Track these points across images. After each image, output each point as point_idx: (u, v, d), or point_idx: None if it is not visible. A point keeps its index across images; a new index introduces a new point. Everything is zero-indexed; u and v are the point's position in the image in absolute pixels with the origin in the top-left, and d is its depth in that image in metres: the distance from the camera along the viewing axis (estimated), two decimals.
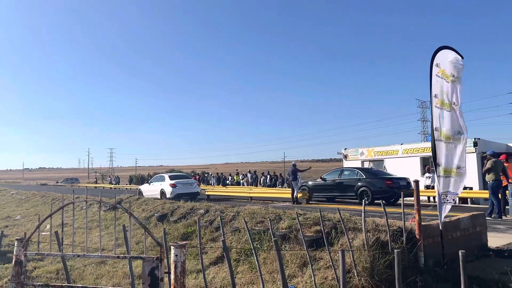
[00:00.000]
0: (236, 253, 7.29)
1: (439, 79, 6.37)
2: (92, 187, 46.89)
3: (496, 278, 5.39)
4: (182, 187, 18.44)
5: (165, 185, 18.65)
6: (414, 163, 20.19)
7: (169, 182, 18.61)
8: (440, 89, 6.36)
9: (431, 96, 6.27)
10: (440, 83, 6.38)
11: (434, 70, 6.33)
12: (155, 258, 2.75)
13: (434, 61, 6.34)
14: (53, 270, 7.79)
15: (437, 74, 6.35)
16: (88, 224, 11.92)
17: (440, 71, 6.39)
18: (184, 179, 19.85)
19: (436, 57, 6.37)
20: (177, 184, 18.36)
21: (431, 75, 6.29)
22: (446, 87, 6.44)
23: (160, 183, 19.33)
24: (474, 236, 7.17)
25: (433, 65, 6.32)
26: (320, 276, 5.61)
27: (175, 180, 18.94)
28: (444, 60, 6.46)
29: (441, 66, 6.40)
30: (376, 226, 6.20)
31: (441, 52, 6.49)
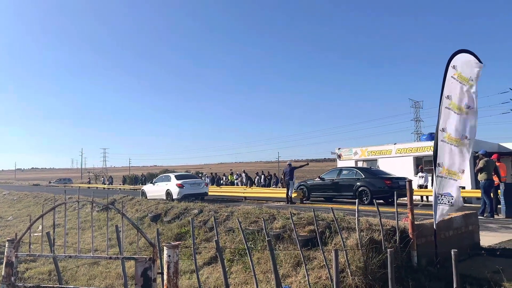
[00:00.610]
0: (230, 253, 7.29)
1: (454, 81, 6.33)
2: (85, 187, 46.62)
3: (488, 277, 5.43)
4: (190, 187, 17.48)
5: (171, 185, 17.68)
6: (407, 162, 20.29)
7: (176, 182, 17.59)
8: (453, 91, 6.33)
9: (442, 96, 6.24)
10: (455, 85, 6.35)
11: (450, 72, 6.29)
12: (148, 259, 2.73)
13: (451, 63, 6.29)
14: (45, 271, 7.73)
15: (452, 76, 6.31)
16: (81, 224, 11.86)
17: (457, 74, 6.35)
18: (191, 179, 18.74)
19: (454, 59, 6.32)
20: (184, 184, 17.35)
21: (445, 76, 6.26)
22: (461, 89, 6.41)
23: (165, 183, 18.24)
24: (466, 235, 7.22)
25: (449, 67, 6.28)
26: (314, 276, 5.62)
27: (182, 180, 17.88)
28: (462, 64, 6.42)
29: (458, 68, 6.36)
30: (370, 226, 6.21)
31: (460, 54, 6.42)
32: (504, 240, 7.65)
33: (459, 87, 6.40)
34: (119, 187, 41.85)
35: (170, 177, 18.51)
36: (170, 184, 17.77)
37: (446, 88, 6.25)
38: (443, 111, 6.24)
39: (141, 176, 47.33)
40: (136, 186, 41.02)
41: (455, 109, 6.35)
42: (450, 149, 6.30)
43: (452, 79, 6.31)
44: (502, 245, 7.27)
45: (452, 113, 6.32)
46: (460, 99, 6.40)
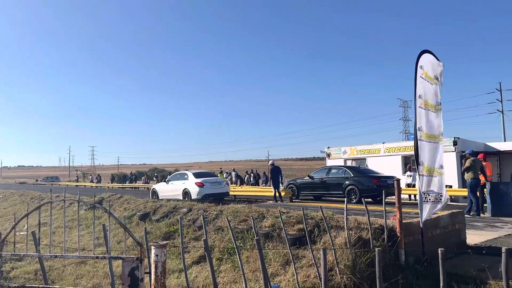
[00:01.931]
0: (219, 252, 7.27)
1: (423, 80, 6.50)
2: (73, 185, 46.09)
3: (474, 274, 5.50)
4: (211, 186, 15.98)
5: (189, 184, 16.08)
6: (395, 161, 20.48)
7: (195, 180, 15.98)
8: (424, 90, 6.49)
9: (415, 96, 6.37)
10: (424, 84, 6.52)
11: (419, 72, 6.45)
12: (135, 258, 2.71)
13: (418, 63, 6.47)
14: (31, 270, 7.63)
15: (421, 76, 6.48)
16: (69, 223, 11.72)
17: (424, 73, 6.54)
18: (211, 177, 17.13)
19: (420, 59, 6.51)
20: (205, 183, 15.81)
21: (416, 77, 6.40)
22: (429, 88, 6.60)
23: (182, 182, 16.61)
24: (453, 233, 7.30)
25: (418, 67, 6.44)
26: (303, 274, 5.63)
27: (202, 178, 16.25)
28: (427, 63, 6.64)
29: (425, 68, 6.55)
30: (358, 224, 6.25)
31: (424, 55, 6.66)
32: (489, 238, 7.76)
33: (428, 86, 6.62)
34: (108, 186, 41.47)
35: (188, 175, 16.97)
36: (188, 183, 16.25)
37: (418, 88, 6.42)
38: (418, 110, 6.39)
39: (130, 174, 46.91)
40: (125, 185, 40.71)
41: (429, 107, 6.53)
42: (427, 146, 6.45)
43: (421, 78, 6.50)
44: (488, 243, 7.37)
45: (424, 111, 6.50)
46: (431, 97, 6.59)
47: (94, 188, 37.82)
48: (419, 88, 6.42)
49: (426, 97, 6.53)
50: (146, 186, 38.06)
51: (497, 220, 10.33)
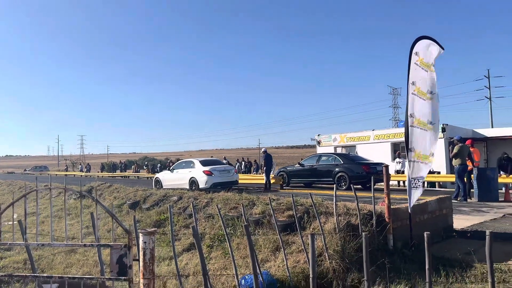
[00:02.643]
0: (210, 239, 7.29)
1: (417, 67, 6.45)
2: (62, 175, 45.74)
3: (460, 258, 5.60)
4: (219, 174, 15.15)
5: (196, 172, 15.25)
6: (385, 148, 20.64)
7: (203, 169, 15.14)
8: (418, 77, 6.44)
9: (408, 82, 6.35)
10: (419, 71, 6.47)
11: (413, 58, 6.39)
12: (123, 246, 2.69)
13: (414, 49, 6.41)
14: (20, 260, 7.59)
15: (415, 62, 6.43)
16: (58, 213, 11.63)
17: (419, 60, 6.47)
18: (219, 165, 16.22)
19: (416, 46, 6.45)
20: (213, 171, 14.96)
21: (409, 63, 6.36)
22: (423, 75, 6.54)
23: (188, 170, 15.74)
24: (440, 218, 7.41)
25: (413, 53, 6.39)
26: (293, 260, 5.69)
27: (210, 166, 15.39)
28: (424, 50, 6.55)
29: (420, 55, 6.49)
30: (347, 210, 6.31)
31: (421, 41, 6.56)
32: (476, 223, 7.89)
33: (423, 73, 6.57)
34: (97, 175, 41.22)
35: (194, 163, 16.07)
36: (195, 171, 15.40)
37: (411, 75, 6.38)
38: (410, 97, 6.37)
39: (119, 163, 46.66)
40: (115, 174, 40.50)
41: (420, 94, 6.51)
42: (419, 133, 6.45)
43: (415, 65, 6.44)
44: (474, 227, 7.49)
45: (417, 98, 6.47)
46: (424, 85, 6.56)
47: (83, 177, 37.57)
48: (413, 74, 6.38)
49: (420, 84, 6.49)
50: (136, 175, 37.95)
51: (484, 205, 10.50)
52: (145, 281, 2.57)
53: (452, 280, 4.96)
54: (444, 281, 4.92)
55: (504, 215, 8.76)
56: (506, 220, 8.14)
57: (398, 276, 5.14)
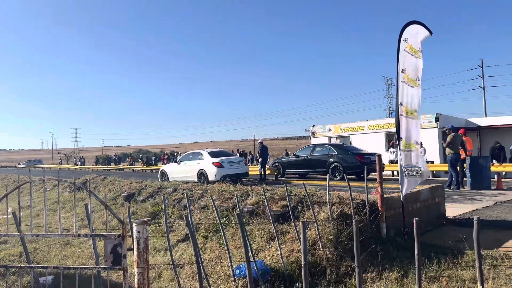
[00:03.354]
0: (205, 230, 7.34)
1: (406, 54, 6.44)
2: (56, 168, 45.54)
3: (452, 245, 5.68)
4: (229, 166, 14.61)
5: (205, 164, 14.72)
6: (379, 138, 20.72)
7: (212, 160, 14.61)
8: (407, 64, 6.44)
9: (398, 70, 6.34)
10: (408, 58, 6.46)
11: (402, 45, 6.37)
12: (117, 236, 2.72)
13: (402, 36, 6.38)
14: (16, 253, 7.59)
15: (405, 49, 6.41)
16: (52, 206, 11.62)
17: (408, 46, 6.45)
18: (228, 156, 15.64)
19: (404, 32, 6.42)
20: (223, 163, 14.46)
21: (398, 50, 6.34)
22: (412, 62, 6.54)
23: (197, 162, 15.17)
24: (433, 207, 7.49)
25: (401, 40, 6.36)
26: (287, 249, 5.74)
27: (219, 157, 14.86)
28: (412, 35, 6.53)
29: (409, 41, 6.47)
30: (341, 200, 6.36)
31: (410, 26, 6.52)
32: (468, 211, 7.99)
33: (412, 60, 6.53)
34: (92, 168, 41.10)
35: (202, 154, 15.55)
36: (204, 162, 14.87)
37: (400, 62, 6.35)
38: (400, 85, 6.36)
39: (114, 156, 46.54)
40: (109, 166, 40.40)
41: (410, 82, 6.50)
42: (407, 122, 6.48)
43: (404, 52, 6.40)
44: (466, 215, 7.58)
45: (407, 86, 6.46)
46: (413, 72, 6.54)
47: (78, 170, 37.44)
48: (402, 62, 6.38)
49: (409, 71, 6.50)
50: (131, 168, 37.88)
51: (476, 193, 10.62)
52: (139, 270, 2.60)
53: (444, 267, 5.04)
54: (436, 268, 5.00)
55: (496, 203, 8.87)
56: (498, 208, 8.25)
57: (390, 264, 5.21)
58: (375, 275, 5.01)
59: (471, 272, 4.75)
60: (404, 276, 4.87)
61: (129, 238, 3.05)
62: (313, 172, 15.95)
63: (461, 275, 4.73)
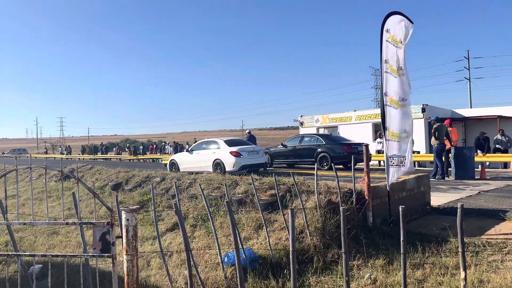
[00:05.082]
0: (193, 219, 7.35)
1: (389, 44, 6.52)
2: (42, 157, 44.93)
3: (436, 233, 5.81)
4: (248, 156, 13.54)
5: (221, 153, 13.68)
6: (366, 129, 20.92)
7: (229, 149, 13.55)
8: (389, 55, 6.52)
9: (381, 61, 6.42)
10: (390, 48, 6.54)
11: (385, 36, 6.44)
12: (106, 223, 2.72)
13: (384, 26, 6.45)
14: (2, 242, 7.52)
15: (387, 40, 6.48)
16: (39, 195, 11.51)
17: (390, 37, 6.53)
18: (246, 145, 14.49)
19: (386, 22, 6.49)
20: (241, 153, 13.41)
21: (381, 41, 6.41)
22: (395, 52, 6.62)
23: (212, 151, 14.12)
24: (418, 196, 7.63)
25: (384, 31, 6.43)
26: (275, 237, 5.80)
27: (237, 146, 13.80)
28: (394, 26, 6.60)
29: (391, 31, 6.54)
30: (328, 189, 6.43)
31: (391, 17, 6.61)
32: (452, 200, 8.15)
33: (394, 50, 6.61)
34: (78, 157, 40.67)
35: (219, 143, 14.37)
36: (220, 152, 13.82)
37: (383, 52, 6.42)
38: (384, 76, 6.44)
39: (100, 145, 46.09)
40: (96, 156, 40.02)
41: (393, 72, 6.57)
42: (392, 112, 6.56)
43: (387, 42, 6.48)
44: (450, 204, 7.74)
45: (390, 76, 6.54)
46: (394, 62, 6.61)
47: (64, 160, 37.01)
48: (385, 52, 6.45)
49: (392, 62, 6.57)
50: (118, 157, 37.59)
51: (460, 183, 10.83)
52: (129, 257, 2.61)
53: (428, 254, 5.15)
54: (421, 256, 5.11)
55: (479, 192, 9.06)
56: (481, 197, 8.43)
57: (376, 251, 5.31)
58: (361, 262, 5.10)
59: (454, 259, 4.87)
60: (390, 263, 4.97)
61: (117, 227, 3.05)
62: (301, 162, 16.05)
63: (444, 262, 4.85)
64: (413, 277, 4.54)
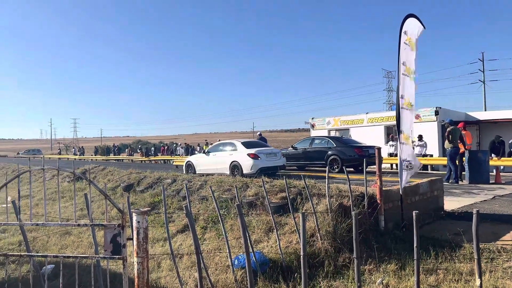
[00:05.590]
0: (204, 221, 7.36)
1: (406, 46, 6.44)
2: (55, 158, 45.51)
3: (450, 238, 5.71)
4: (266, 158, 13.18)
5: (239, 155, 13.34)
6: (378, 131, 20.72)
7: (247, 151, 13.21)
8: (407, 57, 6.44)
9: (399, 63, 6.34)
10: (407, 51, 6.46)
11: (403, 38, 6.37)
12: (117, 225, 2.73)
13: (402, 28, 6.38)
14: (15, 242, 7.62)
15: (405, 42, 6.41)
16: (52, 195, 11.64)
17: (408, 39, 6.45)
18: (264, 147, 14.19)
19: (404, 25, 6.42)
20: (259, 155, 13.05)
21: (399, 43, 6.34)
22: (411, 55, 6.54)
23: (229, 153, 13.84)
24: (432, 200, 7.52)
25: (402, 33, 6.37)
26: (285, 241, 5.77)
27: (255, 148, 13.44)
28: (411, 28, 6.53)
29: (409, 33, 6.47)
30: (340, 192, 6.37)
31: (409, 19, 6.53)
32: (466, 204, 8.02)
33: (410, 53, 6.53)
34: (91, 158, 41.10)
35: (236, 144, 14.08)
36: (237, 154, 13.50)
37: (401, 55, 6.35)
38: (401, 78, 6.37)
39: (112, 146, 46.55)
40: (108, 157, 40.39)
41: (410, 74, 6.49)
42: (407, 114, 6.49)
43: (405, 45, 6.42)
44: (464, 209, 7.61)
45: (407, 79, 6.46)
46: (411, 64, 6.54)
47: (77, 160, 37.42)
48: (403, 54, 6.38)
49: (409, 64, 6.50)
50: (130, 159, 37.88)
51: (475, 187, 10.65)
52: (139, 260, 2.61)
53: (441, 260, 5.07)
54: (434, 261, 5.03)
55: (494, 196, 8.90)
56: (496, 202, 8.28)
57: (388, 256, 5.24)
58: (373, 267, 5.04)
59: (468, 265, 4.78)
60: (402, 268, 4.90)
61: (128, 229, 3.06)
62: (312, 165, 15.98)
63: (458, 267, 4.76)
64: (426, 283, 4.47)
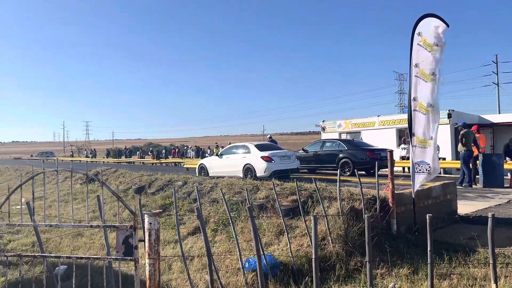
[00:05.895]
0: (214, 223, 7.36)
1: (420, 48, 6.34)
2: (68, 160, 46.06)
3: (463, 243, 5.62)
4: (280, 161, 13.10)
5: (252, 158, 13.25)
6: (390, 134, 20.54)
7: (260, 154, 13.12)
8: (421, 59, 6.34)
9: (411, 65, 6.27)
10: (422, 52, 6.36)
11: (416, 39, 6.29)
12: (129, 227, 2.74)
13: (416, 30, 6.29)
14: (29, 242, 7.72)
15: (418, 43, 6.32)
16: (65, 197, 11.77)
17: (422, 40, 6.34)
18: (277, 150, 14.14)
19: (419, 26, 6.32)
20: (273, 157, 12.95)
21: (412, 44, 6.27)
22: (427, 56, 6.42)
23: (242, 156, 13.73)
24: (445, 204, 7.42)
25: (415, 34, 6.28)
26: (296, 244, 5.74)
27: (268, 151, 13.36)
28: (427, 29, 6.39)
29: (423, 34, 6.35)
30: (351, 195, 6.33)
31: (425, 20, 6.39)
32: (480, 208, 7.89)
33: (425, 54, 6.40)
34: (103, 160, 41.49)
35: (249, 147, 13.94)
36: (251, 156, 13.39)
37: (414, 56, 6.27)
38: (413, 80, 6.28)
39: (124, 149, 46.91)
40: (120, 159, 40.72)
41: (423, 77, 6.39)
42: (421, 117, 6.39)
43: (418, 46, 6.31)
44: (479, 213, 7.49)
45: (421, 81, 6.36)
46: (427, 66, 6.42)
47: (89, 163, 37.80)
48: (415, 56, 6.30)
49: (423, 66, 6.39)
50: (141, 161, 38.14)
51: (489, 191, 10.49)
52: (151, 261, 2.62)
53: (455, 265, 4.99)
54: (447, 265, 4.96)
55: (509, 200, 8.75)
56: (511, 206, 8.14)
57: (401, 260, 5.18)
58: (385, 271, 4.98)
59: (482, 270, 4.70)
60: (415, 272, 4.84)
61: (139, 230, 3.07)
62: (323, 168, 15.89)
63: (472, 272, 4.69)
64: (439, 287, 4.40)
